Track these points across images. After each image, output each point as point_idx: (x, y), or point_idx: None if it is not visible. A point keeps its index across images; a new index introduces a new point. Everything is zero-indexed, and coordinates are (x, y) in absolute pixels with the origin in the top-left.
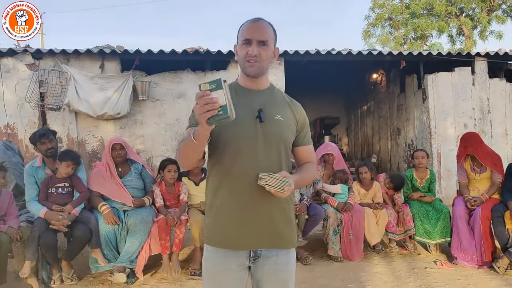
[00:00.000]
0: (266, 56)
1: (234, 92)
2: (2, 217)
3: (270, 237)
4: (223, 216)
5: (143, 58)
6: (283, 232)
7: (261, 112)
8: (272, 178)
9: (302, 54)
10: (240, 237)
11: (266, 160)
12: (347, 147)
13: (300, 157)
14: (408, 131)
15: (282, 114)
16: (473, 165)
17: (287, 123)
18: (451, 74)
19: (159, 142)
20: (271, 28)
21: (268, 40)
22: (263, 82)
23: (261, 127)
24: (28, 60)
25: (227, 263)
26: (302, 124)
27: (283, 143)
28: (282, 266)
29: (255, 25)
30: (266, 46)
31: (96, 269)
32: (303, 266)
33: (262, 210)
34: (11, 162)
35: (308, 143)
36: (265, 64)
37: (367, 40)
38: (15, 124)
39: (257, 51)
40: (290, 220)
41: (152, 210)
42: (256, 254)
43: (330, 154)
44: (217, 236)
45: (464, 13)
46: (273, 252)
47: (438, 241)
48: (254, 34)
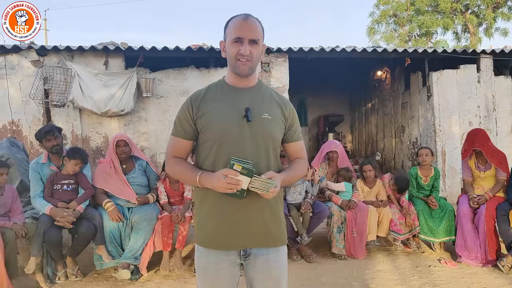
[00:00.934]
0: (257, 54)
1: (221, 90)
2: (7, 213)
3: (260, 236)
4: (213, 217)
5: (147, 55)
6: (272, 231)
7: (248, 111)
8: (257, 180)
9: (307, 51)
10: (230, 238)
11: (254, 158)
12: (351, 144)
13: (290, 153)
14: (412, 129)
15: (269, 112)
16: (477, 162)
17: (275, 121)
18: (456, 72)
19: (163, 139)
20: (260, 25)
21: (259, 39)
22: (251, 79)
23: (248, 126)
24: (32, 56)
25: (218, 262)
26: (291, 121)
27: (271, 142)
28: (273, 264)
29: (246, 24)
30: (257, 45)
31: (101, 265)
32: (307, 263)
33: (252, 210)
34: (16, 158)
35: (297, 139)
36: (256, 63)
37: (371, 37)
38: (20, 121)
39: (249, 50)
40: (279, 218)
41: (156, 207)
42: (246, 252)
43: (334, 152)
44: (208, 238)
45: (470, 10)
46: (263, 250)
47: (442, 240)
48: (246, 33)
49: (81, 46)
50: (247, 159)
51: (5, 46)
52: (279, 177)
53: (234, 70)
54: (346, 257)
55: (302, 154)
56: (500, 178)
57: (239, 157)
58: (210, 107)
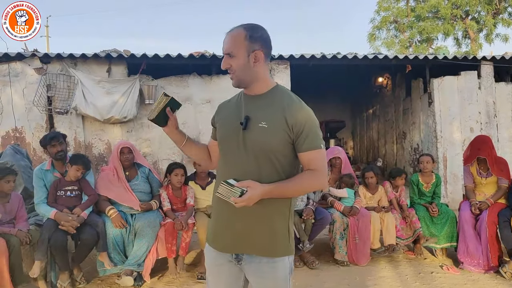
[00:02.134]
0: (237, 66)
1: (237, 99)
2: (12, 220)
3: (246, 244)
4: (213, 218)
5: (150, 62)
6: (261, 241)
7: (246, 120)
8: (223, 187)
9: (308, 58)
10: (220, 240)
11: (245, 167)
12: (352, 150)
13: (302, 164)
14: (414, 135)
15: (269, 120)
16: (479, 169)
17: (273, 130)
18: (457, 78)
19: (166, 145)
20: (240, 36)
21: (232, 51)
22: (258, 87)
23: (242, 134)
24: (36, 64)
25: (217, 258)
26: (298, 130)
27: (263, 152)
28: (266, 274)
29: (224, 38)
30: (233, 57)
31: (104, 272)
32: (309, 270)
33: (240, 217)
34: (20, 165)
35: (307, 149)
36: (242, 74)
37: (372, 43)
38: (23, 128)
39: (226, 64)
40: (272, 229)
41: (159, 213)
42: (238, 256)
43: (337, 158)
44: (208, 236)
45: (470, 16)
46: (254, 258)
47: (444, 246)
48: (223, 47)
49: (84, 54)
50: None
51: (9, 54)
52: (260, 187)
53: None
54: (349, 263)
55: (312, 165)
56: (502, 185)
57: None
58: (223, 114)
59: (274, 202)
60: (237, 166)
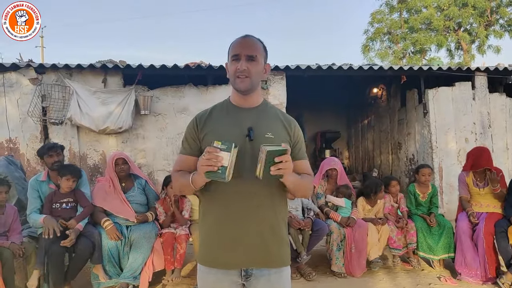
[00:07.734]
0: (256, 71)
1: (226, 110)
2: (5, 233)
3: (260, 256)
4: (214, 235)
5: (146, 73)
6: (273, 251)
7: (251, 131)
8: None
9: (304, 69)
10: (230, 256)
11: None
12: (348, 161)
13: (296, 171)
14: (409, 145)
15: (273, 131)
16: (476, 180)
17: (279, 140)
18: (452, 89)
19: (161, 156)
20: (261, 44)
21: (256, 56)
22: (255, 99)
23: (250, 145)
24: (31, 74)
25: (219, 282)
26: (296, 140)
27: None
28: (275, 285)
29: (244, 41)
30: (255, 62)
31: (98, 285)
32: (307, 282)
33: (252, 230)
34: (13, 177)
35: (302, 158)
36: (255, 80)
37: (366, 54)
38: (17, 139)
39: (245, 66)
40: (281, 239)
41: (155, 225)
42: (248, 272)
43: (334, 169)
44: (209, 256)
45: (462, 27)
46: (264, 271)
47: (441, 257)
48: (242, 49)
49: (80, 64)
50: (245, 181)
51: (3, 65)
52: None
53: (235, 87)
54: (346, 275)
55: (306, 171)
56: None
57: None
58: (214, 126)
59: (282, 210)
60: (245, 175)
